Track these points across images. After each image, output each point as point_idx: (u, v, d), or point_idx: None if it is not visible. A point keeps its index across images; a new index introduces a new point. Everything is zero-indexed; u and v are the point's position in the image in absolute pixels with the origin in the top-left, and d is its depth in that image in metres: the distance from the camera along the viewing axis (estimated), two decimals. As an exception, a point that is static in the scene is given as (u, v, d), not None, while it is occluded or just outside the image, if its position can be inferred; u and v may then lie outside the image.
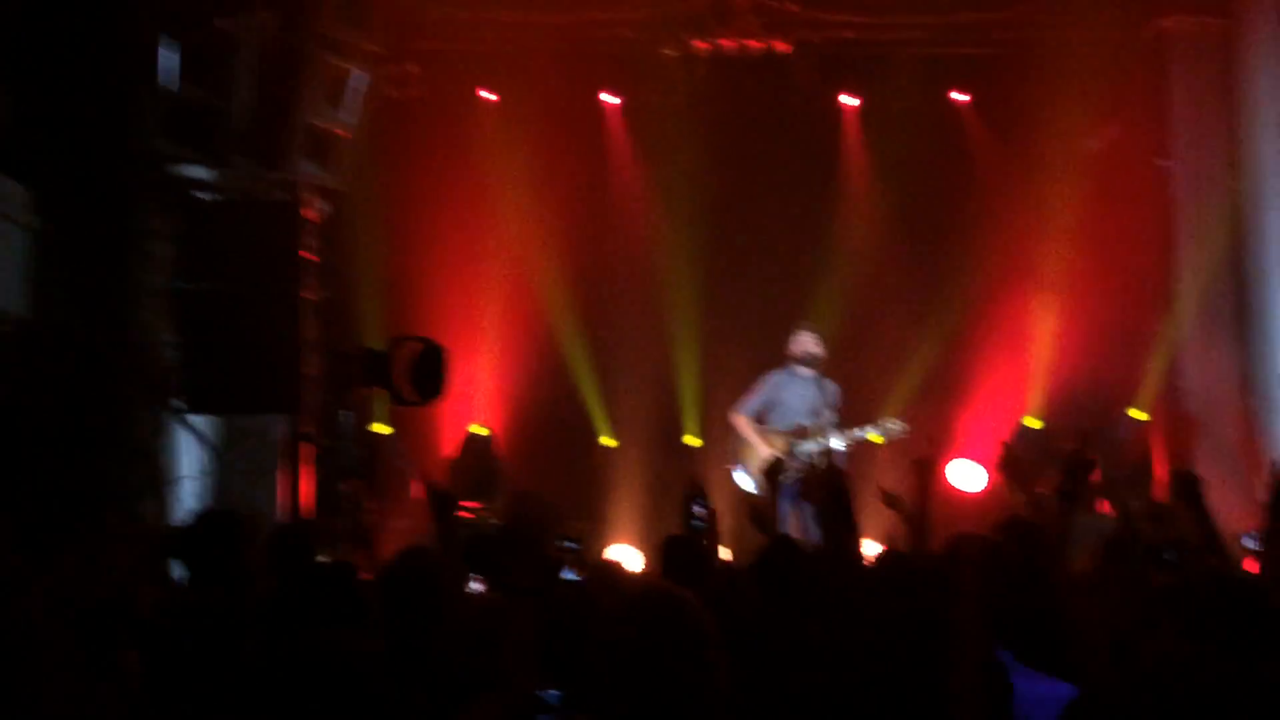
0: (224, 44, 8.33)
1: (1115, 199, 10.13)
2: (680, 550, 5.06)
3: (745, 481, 9.24)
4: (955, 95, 11.08)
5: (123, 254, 8.10)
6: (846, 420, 9.06)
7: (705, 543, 5.61)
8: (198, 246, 8.17)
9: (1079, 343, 10.18)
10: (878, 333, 10.70)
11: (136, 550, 5.29)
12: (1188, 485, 4.57)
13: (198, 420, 8.31)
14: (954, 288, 10.52)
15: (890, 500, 5.86)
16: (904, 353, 10.64)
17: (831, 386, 9.10)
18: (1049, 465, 10.02)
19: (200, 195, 8.42)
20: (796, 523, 9.06)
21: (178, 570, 4.82)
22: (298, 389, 8.10)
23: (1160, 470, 9.94)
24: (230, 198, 8.42)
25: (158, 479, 7.97)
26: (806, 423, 9.07)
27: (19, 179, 7.48)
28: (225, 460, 8.43)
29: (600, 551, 9.87)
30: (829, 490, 4.72)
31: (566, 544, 5.67)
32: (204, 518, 5.06)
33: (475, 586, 5.74)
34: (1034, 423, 10.34)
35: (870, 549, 7.95)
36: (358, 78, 8.87)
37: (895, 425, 8.99)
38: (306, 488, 8.60)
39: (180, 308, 8.10)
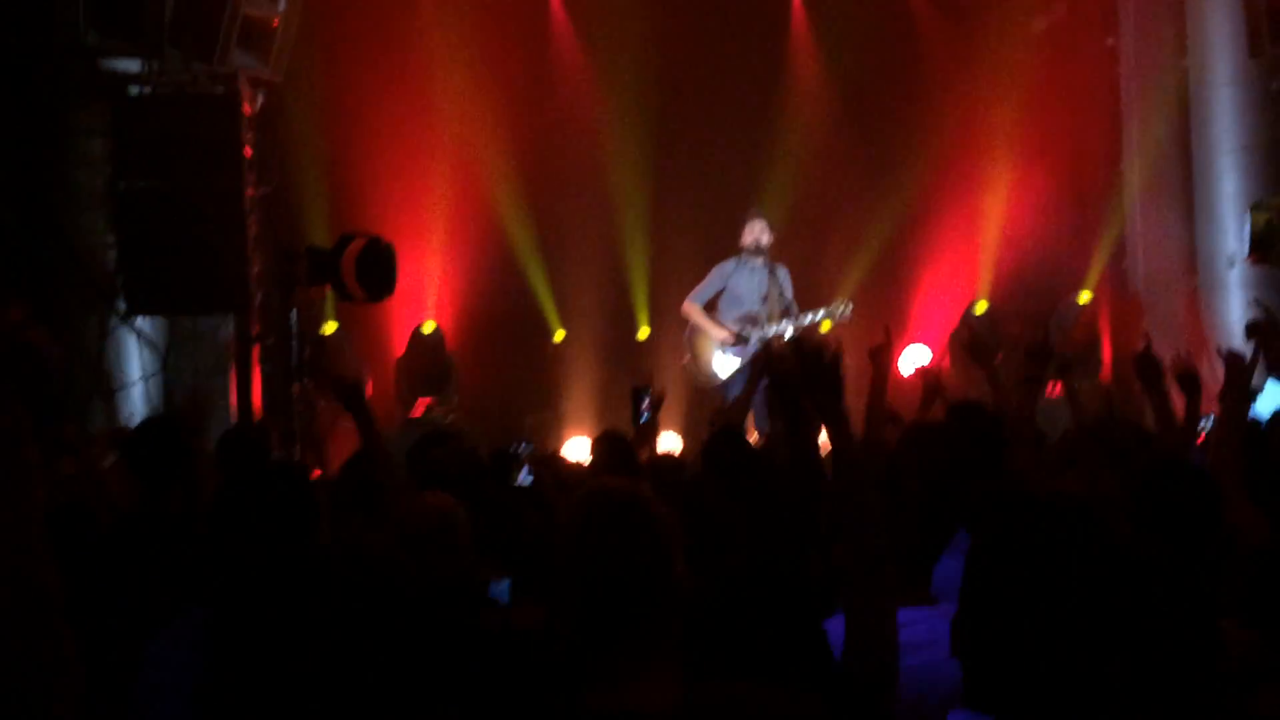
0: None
1: (1063, 79, 10.10)
2: (609, 447, 5.09)
3: (723, 366, 9.16)
4: (903, -24, 10.94)
5: (56, 153, 7.90)
6: (799, 306, 9.07)
7: (643, 437, 5.64)
8: (134, 143, 7.97)
9: (1027, 226, 10.22)
10: (829, 218, 10.70)
11: (86, 459, 5.24)
12: (1148, 368, 4.60)
13: (143, 323, 8.18)
14: (904, 172, 10.49)
15: (873, 354, 5.89)
16: (855, 237, 10.64)
17: (783, 271, 9.09)
18: (999, 347, 10.15)
19: (133, 90, 8.18)
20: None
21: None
22: (245, 288, 8.00)
23: (1108, 351, 10.06)
24: (165, 92, 8.18)
25: (105, 384, 7.88)
26: (758, 310, 9.07)
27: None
28: (172, 363, 8.32)
29: (557, 445, 9.92)
30: (791, 374, 4.66)
31: (520, 445, 5.67)
32: (146, 425, 5.00)
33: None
34: (982, 306, 10.40)
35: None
36: (292, -36, 8.61)
37: (842, 307, 9.01)
38: (256, 389, 8.54)
39: (121, 208, 7.94)
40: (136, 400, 8.14)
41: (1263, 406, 3.59)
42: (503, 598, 3.63)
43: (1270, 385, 3.53)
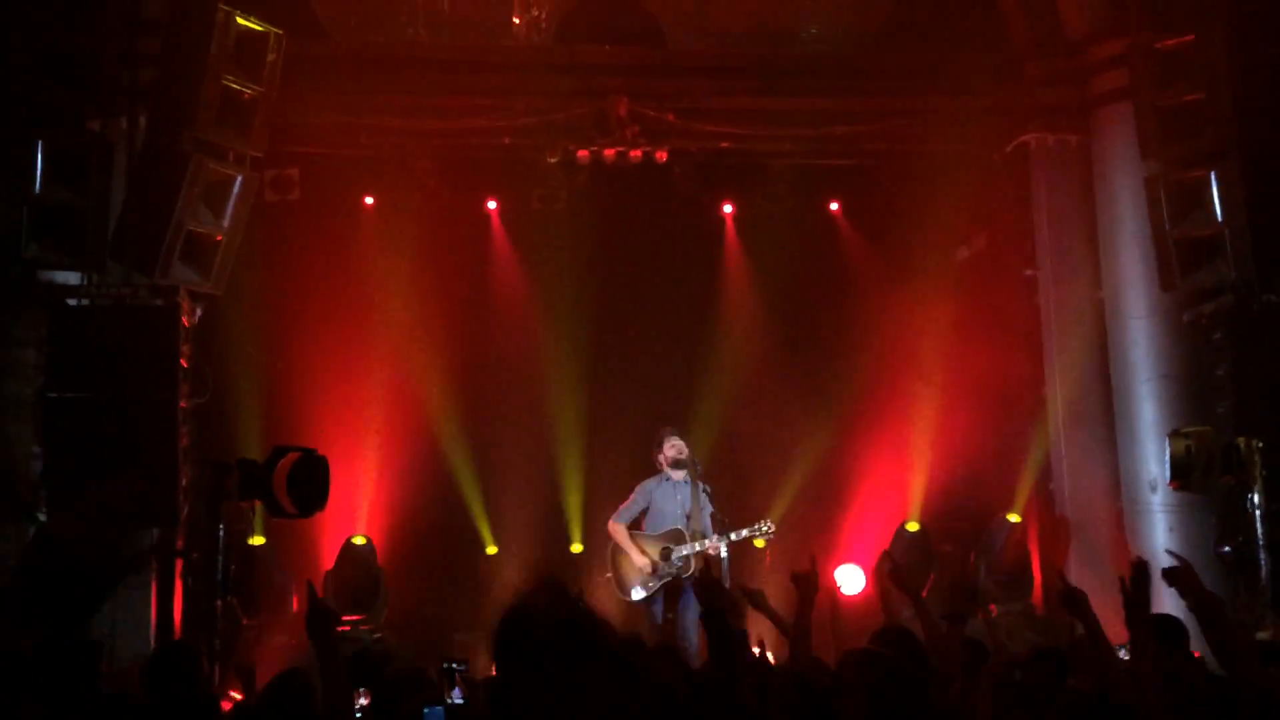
0: (97, 146, 8.17)
1: (987, 307, 10.47)
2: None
3: (640, 589, 9.18)
4: (830, 204, 11.40)
5: (-14, 362, 7.83)
6: (729, 522, 9.09)
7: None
8: (68, 354, 7.93)
9: (957, 447, 10.41)
10: (760, 436, 10.86)
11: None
12: (1073, 601, 4.67)
13: (63, 534, 7.97)
14: (834, 391, 10.75)
15: (755, 600, 5.90)
16: (786, 455, 10.78)
17: (705, 491, 9.14)
18: (929, 568, 10.23)
19: (71, 301, 8.17)
20: (671, 630, 9.06)
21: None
22: (174, 502, 7.87)
23: (1039, 574, 10.14)
24: (104, 303, 8.19)
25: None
26: (681, 527, 9.11)
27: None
28: (92, 576, 8.07)
29: (487, 664, 9.67)
30: (706, 605, 4.68)
31: (453, 665, 5.54)
32: (52, 644, 4.82)
33: (361, 701, 5.59)
34: (914, 526, 10.50)
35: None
36: (236, 182, 8.76)
37: (767, 527, 9.09)
38: (178, 604, 8.30)
39: (49, 417, 7.83)
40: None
41: None
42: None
43: None
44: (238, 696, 6.96)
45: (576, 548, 10.80)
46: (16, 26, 7.78)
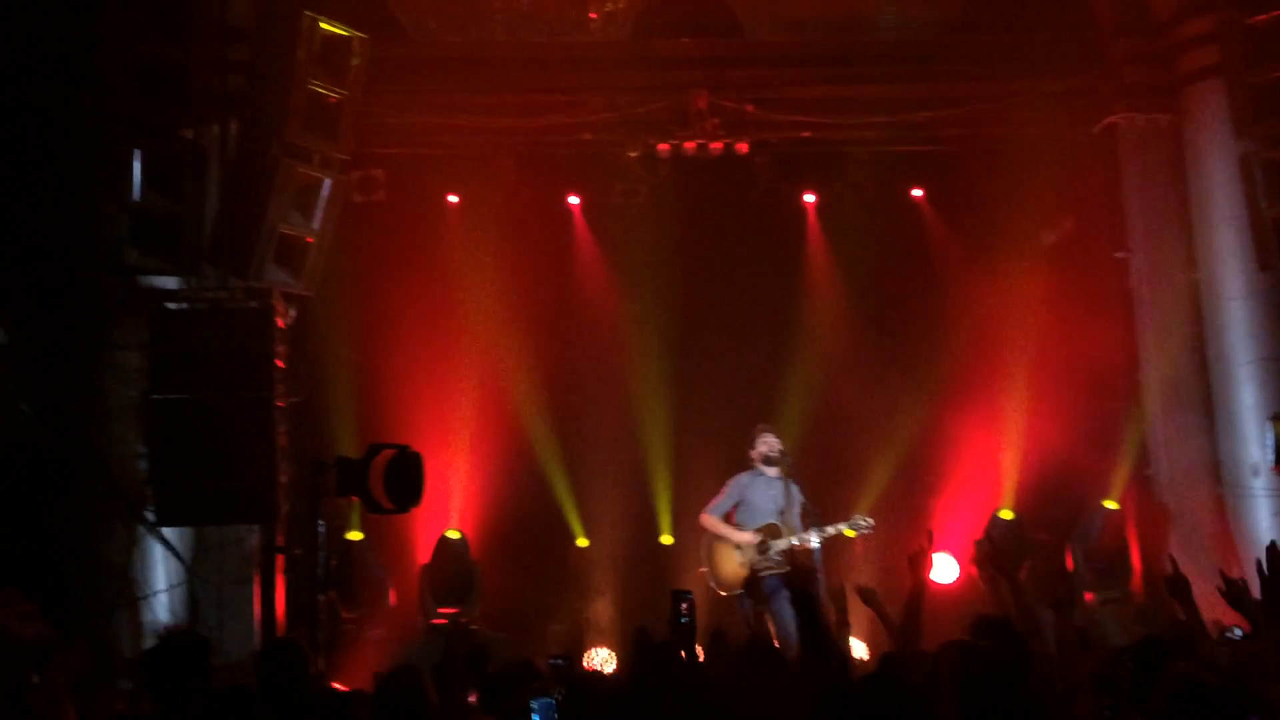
0: (191, 154, 8.35)
1: (1076, 291, 10.30)
2: (650, 652, 5.07)
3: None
4: (912, 191, 11.30)
5: (92, 367, 8.04)
6: (821, 516, 9.04)
7: (681, 640, 5.59)
8: (169, 356, 8.11)
9: (1049, 433, 10.25)
10: (850, 426, 10.79)
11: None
12: (1179, 588, 4.62)
13: (169, 531, 8.17)
14: (923, 380, 10.63)
15: (866, 596, 5.88)
16: (877, 445, 10.72)
17: (795, 487, 9.07)
18: (1025, 555, 10.12)
19: (171, 305, 8.36)
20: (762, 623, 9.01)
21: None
22: (274, 499, 8.02)
23: (1137, 561, 9.99)
24: (201, 306, 8.37)
25: (130, 594, 7.82)
26: (775, 521, 9.06)
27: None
28: (197, 572, 8.28)
29: (580, 653, 9.75)
30: (796, 594, 4.72)
31: (556, 661, 5.59)
32: (166, 641, 4.96)
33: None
34: (1007, 514, 10.39)
35: (857, 647, 7.97)
36: (325, 185, 8.91)
37: (864, 521, 9.01)
38: (280, 599, 8.47)
39: (153, 418, 8.02)
40: (160, 609, 8.07)
41: None
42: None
43: None
44: (341, 689, 7.08)
45: (666, 539, 10.83)
46: (110, 39, 7.96)
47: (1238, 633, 6.44)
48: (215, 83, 8.87)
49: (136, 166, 8.00)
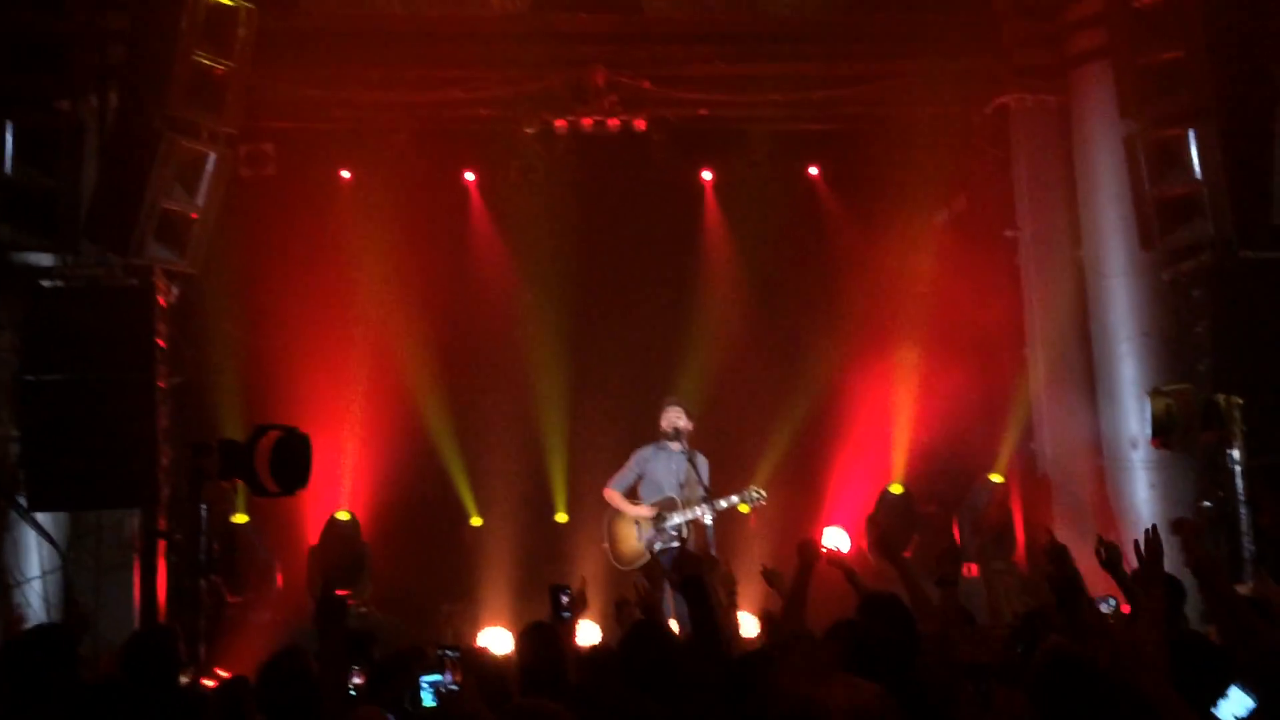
0: (66, 126, 8.11)
1: (967, 268, 10.44)
2: (536, 641, 5.04)
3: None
4: (809, 168, 11.36)
5: (-39, 347, 7.79)
6: (715, 490, 9.06)
7: (564, 632, 5.58)
8: (44, 335, 7.89)
9: (939, 407, 10.44)
10: (744, 401, 10.86)
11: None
12: (1056, 552, 4.69)
13: (44, 516, 7.96)
14: (817, 356, 10.76)
15: (770, 578, 5.93)
16: (770, 420, 10.81)
17: (701, 459, 9.09)
18: (913, 530, 10.27)
19: (46, 283, 8.12)
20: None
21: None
22: (154, 483, 7.85)
23: (1021, 533, 10.19)
24: (78, 284, 8.14)
25: (1, 581, 7.61)
26: (674, 495, 9.07)
27: None
28: (73, 558, 8.08)
29: (473, 635, 9.69)
30: (684, 581, 4.75)
31: (447, 652, 5.53)
32: (27, 633, 4.84)
33: (355, 680, 5.59)
34: (897, 488, 10.53)
35: (749, 623, 8.01)
36: (210, 159, 8.70)
37: (757, 493, 9.05)
38: (161, 585, 8.29)
39: (26, 399, 7.79)
40: (33, 597, 7.87)
41: (1225, 712, 3.63)
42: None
43: (1234, 691, 3.55)
44: (224, 674, 6.96)
45: (561, 517, 10.81)
46: (-19, 7, 7.70)
47: (1112, 602, 6.59)
48: (93, 53, 8.60)
49: (8, 139, 7.76)
